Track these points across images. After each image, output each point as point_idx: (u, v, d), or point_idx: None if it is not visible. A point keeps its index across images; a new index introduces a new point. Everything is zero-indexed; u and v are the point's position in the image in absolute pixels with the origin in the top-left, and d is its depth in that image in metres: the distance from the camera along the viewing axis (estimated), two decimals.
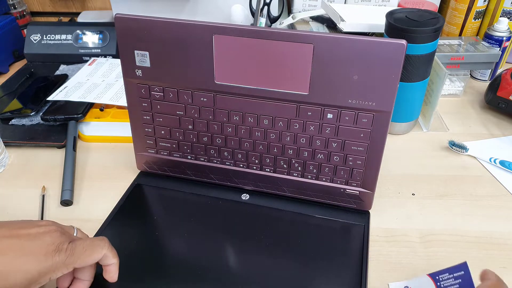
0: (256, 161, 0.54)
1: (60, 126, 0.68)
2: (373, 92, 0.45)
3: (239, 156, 0.55)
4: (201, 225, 0.52)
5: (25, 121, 0.69)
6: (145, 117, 0.55)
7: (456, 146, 0.64)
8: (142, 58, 0.50)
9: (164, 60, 0.50)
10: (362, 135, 0.49)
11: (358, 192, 0.53)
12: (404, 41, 0.42)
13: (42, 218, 0.53)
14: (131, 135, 0.58)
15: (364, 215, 0.53)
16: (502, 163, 0.61)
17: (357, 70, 0.45)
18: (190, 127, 0.54)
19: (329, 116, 0.48)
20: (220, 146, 0.55)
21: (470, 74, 0.84)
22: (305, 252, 0.48)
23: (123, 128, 0.66)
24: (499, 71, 0.80)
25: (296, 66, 0.46)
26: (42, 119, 0.68)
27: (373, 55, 0.43)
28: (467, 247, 0.50)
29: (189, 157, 0.57)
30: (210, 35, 0.47)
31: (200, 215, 0.54)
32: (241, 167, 0.56)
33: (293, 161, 0.53)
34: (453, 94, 0.78)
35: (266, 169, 0.55)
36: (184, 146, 0.56)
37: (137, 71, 0.51)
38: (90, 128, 0.68)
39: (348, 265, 0.47)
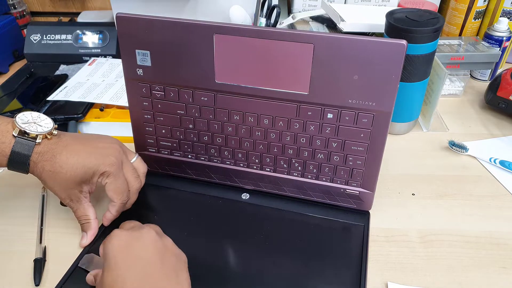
0: (257, 161, 0.54)
1: (60, 126, 0.67)
2: (373, 92, 0.45)
3: (240, 155, 0.55)
4: (201, 224, 0.52)
5: None
6: (146, 116, 0.55)
7: (456, 146, 0.64)
8: (143, 57, 0.50)
9: (165, 59, 0.50)
10: (362, 135, 0.49)
11: (358, 192, 0.53)
12: (404, 41, 0.42)
13: (42, 219, 0.53)
14: (131, 135, 0.58)
15: (364, 215, 0.53)
16: (502, 163, 0.61)
17: (357, 70, 0.45)
18: (190, 126, 0.54)
19: (329, 116, 0.48)
20: (220, 146, 0.55)
21: (470, 74, 0.84)
22: (305, 252, 0.49)
23: (123, 128, 0.66)
24: (499, 71, 0.80)
25: (296, 66, 0.46)
26: None
27: (373, 55, 0.43)
28: (467, 247, 0.50)
29: (189, 156, 0.57)
30: (211, 34, 0.47)
31: (200, 214, 0.54)
32: (241, 166, 0.56)
33: (293, 161, 0.53)
34: (453, 94, 0.78)
35: (266, 169, 0.55)
36: (184, 145, 0.56)
37: (138, 70, 0.52)
38: (90, 128, 0.68)
39: (348, 265, 0.47)
